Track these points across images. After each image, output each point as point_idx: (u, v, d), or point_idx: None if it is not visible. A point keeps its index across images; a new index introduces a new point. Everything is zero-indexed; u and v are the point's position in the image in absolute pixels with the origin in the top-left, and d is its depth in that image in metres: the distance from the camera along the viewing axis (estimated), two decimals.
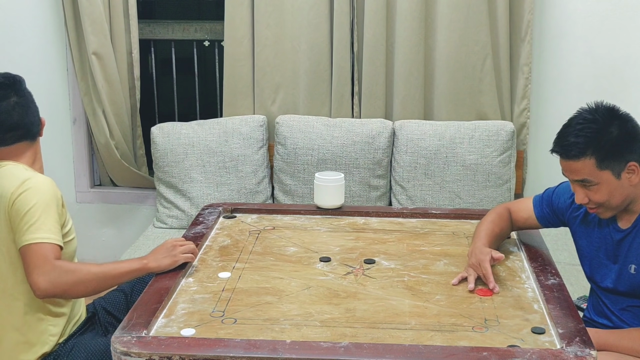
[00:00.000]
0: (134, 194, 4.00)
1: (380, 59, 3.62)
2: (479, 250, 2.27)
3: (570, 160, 2.11)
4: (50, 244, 2.08)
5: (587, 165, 2.09)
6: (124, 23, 3.73)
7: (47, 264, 2.05)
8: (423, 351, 1.82)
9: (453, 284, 2.22)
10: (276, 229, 2.68)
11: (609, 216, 2.20)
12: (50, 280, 2.04)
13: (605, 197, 2.12)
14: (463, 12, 3.54)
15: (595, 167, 2.09)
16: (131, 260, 2.24)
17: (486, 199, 3.53)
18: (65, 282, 2.07)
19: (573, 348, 1.82)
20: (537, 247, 2.49)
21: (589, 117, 2.11)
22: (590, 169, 2.09)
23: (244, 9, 3.67)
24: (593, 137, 2.08)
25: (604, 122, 2.09)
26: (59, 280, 2.05)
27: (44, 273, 2.04)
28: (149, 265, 2.21)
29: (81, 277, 2.10)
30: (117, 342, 1.84)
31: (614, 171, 2.10)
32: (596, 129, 2.09)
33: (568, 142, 2.10)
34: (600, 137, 2.08)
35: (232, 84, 3.76)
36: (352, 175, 3.56)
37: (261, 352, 1.80)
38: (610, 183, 2.10)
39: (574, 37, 3.59)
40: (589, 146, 2.08)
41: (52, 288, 2.05)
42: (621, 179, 2.10)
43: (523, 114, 3.67)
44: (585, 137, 2.08)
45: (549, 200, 2.42)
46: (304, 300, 2.12)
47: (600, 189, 2.12)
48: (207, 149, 3.63)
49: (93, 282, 2.12)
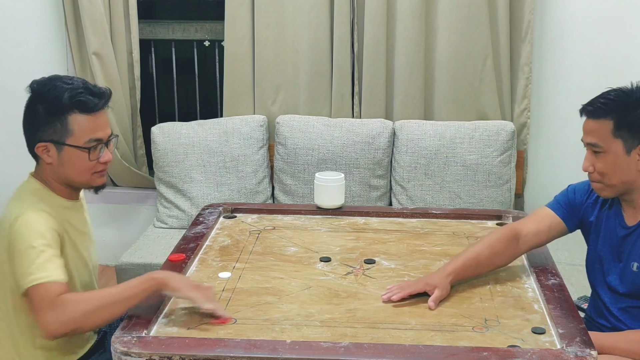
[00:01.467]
0: (134, 194, 4.00)
1: (380, 59, 3.62)
2: (438, 278, 2.15)
3: (591, 119, 2.13)
4: (54, 282, 1.92)
5: (604, 127, 2.10)
6: (124, 23, 3.73)
7: (51, 302, 1.89)
8: (423, 351, 1.82)
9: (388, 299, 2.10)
10: (276, 229, 2.68)
11: (606, 195, 2.19)
12: (57, 318, 1.88)
13: (609, 169, 2.11)
14: (463, 12, 3.54)
15: (610, 132, 2.09)
16: (141, 277, 2.01)
17: (486, 199, 3.53)
18: (74, 316, 1.90)
19: (573, 348, 1.82)
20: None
21: (626, 89, 2.15)
22: (605, 132, 2.10)
23: (244, 9, 3.67)
24: (620, 102, 2.11)
25: (637, 98, 2.11)
26: (66, 316, 1.89)
27: (48, 313, 1.89)
28: (159, 279, 1.99)
29: (93, 307, 1.92)
30: (117, 342, 1.84)
31: (626, 144, 2.09)
32: (626, 98, 2.11)
33: (596, 100, 2.14)
34: (626, 106, 2.10)
35: (233, 84, 3.76)
36: (353, 175, 3.56)
37: (261, 352, 1.80)
38: (617, 155, 2.10)
39: (575, 37, 3.59)
40: (612, 109, 2.09)
41: (62, 326, 1.89)
42: (630, 156, 2.10)
43: (523, 114, 3.67)
44: (612, 101, 2.11)
45: (565, 198, 2.34)
46: (304, 300, 2.12)
47: (607, 159, 2.11)
48: (208, 149, 3.63)
49: (105, 308, 1.94)
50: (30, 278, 1.93)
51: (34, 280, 1.93)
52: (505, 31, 3.58)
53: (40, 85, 2.10)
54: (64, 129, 2.06)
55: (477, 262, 2.23)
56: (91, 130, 2.08)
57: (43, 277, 1.93)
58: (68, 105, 2.05)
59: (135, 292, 1.97)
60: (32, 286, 1.93)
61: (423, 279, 2.16)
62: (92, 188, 2.17)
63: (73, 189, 2.17)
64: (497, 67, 3.62)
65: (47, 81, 2.11)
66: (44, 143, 2.07)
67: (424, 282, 2.14)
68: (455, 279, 2.17)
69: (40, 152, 2.09)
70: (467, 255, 2.23)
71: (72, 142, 2.07)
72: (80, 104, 2.06)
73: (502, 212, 2.81)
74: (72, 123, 2.06)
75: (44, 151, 2.08)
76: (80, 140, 2.07)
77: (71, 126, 2.06)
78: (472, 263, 2.22)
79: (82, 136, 2.07)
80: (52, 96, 2.06)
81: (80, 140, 2.07)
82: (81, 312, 1.91)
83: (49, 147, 2.08)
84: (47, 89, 2.08)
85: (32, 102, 2.10)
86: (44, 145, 2.07)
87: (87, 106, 2.07)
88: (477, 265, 2.23)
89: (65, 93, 2.05)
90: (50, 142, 2.07)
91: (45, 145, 2.07)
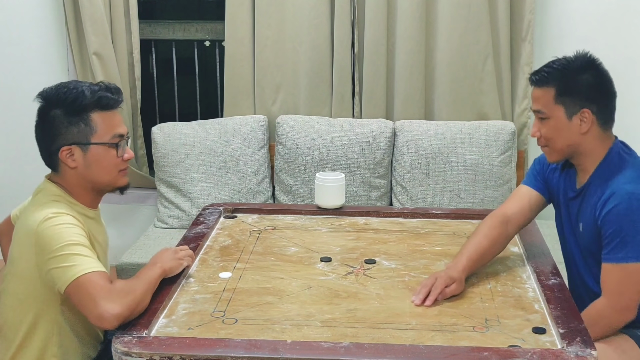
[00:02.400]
0: (134, 194, 4.00)
1: (380, 59, 3.62)
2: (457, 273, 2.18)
3: (535, 87, 2.25)
4: (99, 271, 1.95)
5: (546, 94, 2.21)
6: (124, 23, 3.73)
7: (109, 289, 1.92)
8: (424, 351, 1.82)
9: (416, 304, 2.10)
10: (277, 229, 2.68)
11: (554, 160, 2.29)
12: (121, 305, 1.90)
13: (552, 134, 2.22)
14: (464, 12, 3.54)
15: (552, 99, 2.20)
16: (150, 268, 2.10)
17: (487, 199, 3.53)
18: (133, 303, 1.94)
19: (574, 348, 1.82)
20: (537, 247, 2.49)
21: (569, 58, 2.25)
22: (547, 99, 2.21)
23: (244, 9, 3.67)
24: (561, 69, 2.21)
25: (580, 65, 2.22)
26: (129, 302, 1.92)
27: (110, 300, 1.90)
28: (164, 267, 2.11)
29: (139, 294, 1.97)
30: (117, 342, 1.84)
31: (567, 110, 2.20)
32: (567, 66, 2.22)
33: (540, 70, 2.25)
34: (567, 73, 2.20)
35: (233, 84, 3.76)
36: (353, 175, 3.56)
37: (262, 352, 1.80)
38: (559, 120, 2.21)
39: (575, 37, 3.59)
40: (554, 77, 2.20)
41: (125, 311, 1.91)
42: (571, 122, 2.20)
43: (524, 114, 3.67)
44: (554, 69, 2.22)
45: (534, 171, 2.46)
46: (304, 300, 2.12)
47: (549, 124, 2.22)
48: (208, 149, 3.63)
49: (145, 297, 2.00)
50: (75, 270, 1.93)
51: (80, 272, 1.93)
52: (505, 31, 3.58)
53: (54, 92, 2.09)
54: (88, 127, 2.06)
55: (481, 255, 2.29)
56: (113, 126, 2.10)
57: (89, 268, 1.93)
58: (90, 103, 2.06)
59: (156, 281, 2.07)
60: (79, 277, 1.92)
61: (444, 274, 2.17)
62: (117, 189, 2.17)
63: (97, 193, 2.16)
64: (497, 67, 3.62)
65: (60, 87, 2.10)
66: (68, 147, 2.06)
67: (446, 276, 2.16)
68: (467, 274, 2.23)
69: (64, 157, 2.07)
70: (469, 249, 2.29)
71: (98, 140, 2.07)
72: (101, 101, 2.07)
73: None
74: (95, 121, 2.07)
75: (68, 155, 2.07)
76: (106, 137, 2.09)
77: (94, 124, 2.07)
78: (477, 257, 2.27)
79: (107, 133, 2.09)
80: (72, 97, 2.05)
81: (106, 137, 2.09)
82: (133, 298, 1.95)
83: (73, 150, 2.06)
84: (63, 92, 2.07)
85: (46, 109, 2.08)
86: (68, 149, 2.06)
87: (107, 103, 2.09)
88: (481, 257, 2.29)
89: (86, 92, 2.06)
90: (75, 145, 2.06)
91: (69, 148, 2.06)
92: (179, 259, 2.20)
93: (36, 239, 1.98)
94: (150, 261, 2.16)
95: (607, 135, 2.25)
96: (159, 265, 2.11)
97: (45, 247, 1.96)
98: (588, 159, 2.25)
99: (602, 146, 2.24)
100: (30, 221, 2.01)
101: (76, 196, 2.12)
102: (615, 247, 2.14)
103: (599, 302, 2.19)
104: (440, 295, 2.11)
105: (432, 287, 2.13)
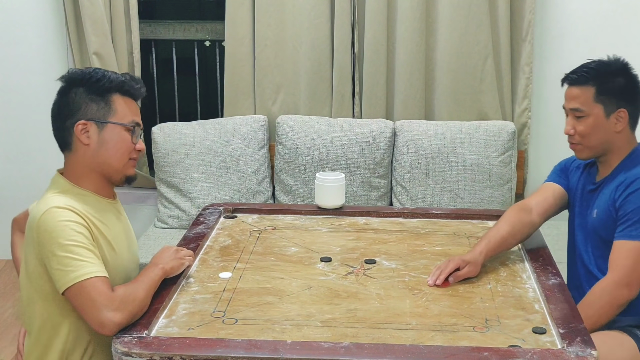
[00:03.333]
0: (134, 194, 4.00)
1: (381, 59, 3.62)
2: (472, 256, 2.28)
3: (573, 86, 2.35)
4: (100, 277, 1.91)
5: (586, 93, 2.32)
6: (124, 23, 3.73)
7: (111, 297, 1.90)
8: (424, 351, 1.82)
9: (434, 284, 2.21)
10: (277, 229, 2.68)
11: (585, 156, 2.40)
12: (122, 313, 1.89)
13: (589, 131, 2.33)
14: (464, 12, 3.54)
15: (592, 98, 2.32)
16: (151, 269, 2.08)
17: (487, 199, 3.53)
18: (134, 310, 1.93)
19: (574, 348, 1.82)
20: (537, 247, 2.49)
21: (605, 60, 2.38)
22: (587, 97, 2.32)
23: (244, 9, 3.67)
24: (600, 70, 2.33)
25: (616, 68, 2.35)
26: (130, 309, 1.92)
27: (112, 308, 1.88)
28: (165, 268, 2.11)
29: (141, 299, 1.96)
30: (118, 343, 1.84)
31: (606, 108, 2.32)
32: (605, 67, 2.35)
33: (579, 69, 2.36)
34: (606, 74, 2.33)
35: (233, 84, 3.76)
36: (353, 175, 3.56)
37: (262, 353, 1.80)
38: (598, 118, 2.32)
39: (575, 37, 3.60)
40: (594, 77, 2.32)
41: (127, 318, 1.91)
42: (609, 120, 2.32)
43: (524, 114, 3.67)
44: (593, 70, 2.34)
45: (558, 169, 2.58)
46: (304, 300, 2.12)
47: (588, 122, 2.33)
48: (208, 149, 3.63)
49: (146, 300, 1.99)
50: (71, 276, 1.90)
51: (76, 278, 1.90)
52: (505, 31, 3.58)
53: (79, 72, 2.10)
54: (108, 107, 2.07)
55: (501, 239, 2.38)
56: (132, 113, 2.12)
57: (90, 273, 1.91)
58: (115, 85, 2.07)
59: (157, 282, 2.07)
60: (80, 282, 1.89)
61: (458, 257, 2.27)
62: (126, 178, 2.15)
63: (106, 181, 2.12)
64: (497, 67, 3.62)
65: (86, 69, 2.11)
66: (85, 122, 2.04)
67: (458, 259, 2.25)
68: (486, 257, 2.31)
69: (79, 131, 2.04)
70: (488, 234, 2.39)
71: (116, 120, 2.07)
72: (125, 86, 2.09)
73: (503, 212, 2.80)
74: (115, 103, 2.08)
75: (83, 130, 2.04)
76: (124, 120, 2.09)
77: (115, 106, 2.07)
78: (496, 240, 2.36)
79: (125, 116, 2.09)
80: (97, 77, 2.07)
81: (124, 120, 2.09)
82: (135, 305, 1.94)
83: (89, 126, 2.05)
84: (89, 72, 2.08)
85: (68, 87, 2.08)
86: (84, 124, 2.04)
87: (130, 90, 2.11)
88: (501, 241, 2.37)
89: (111, 75, 2.09)
90: (92, 121, 2.05)
91: (85, 124, 2.04)
92: (180, 259, 2.20)
93: (37, 234, 1.96)
94: (152, 261, 2.15)
95: (633, 136, 2.40)
96: (160, 266, 2.11)
97: (45, 243, 1.94)
98: (614, 155, 2.37)
99: (628, 146, 2.37)
100: (32, 215, 2.00)
101: (86, 184, 2.08)
102: (632, 224, 2.25)
103: (604, 279, 2.28)
104: (453, 277, 2.21)
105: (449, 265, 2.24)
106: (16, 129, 3.99)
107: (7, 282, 3.95)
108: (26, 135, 3.99)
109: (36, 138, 3.92)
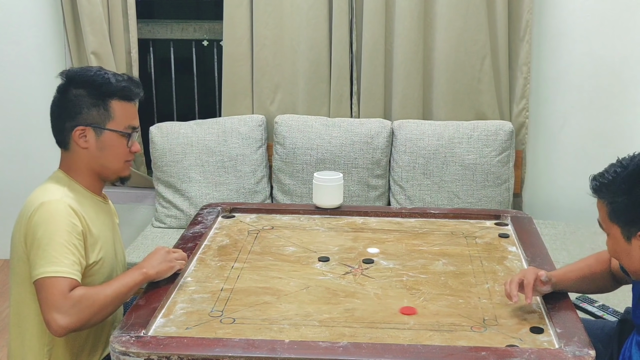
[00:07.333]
0: (132, 194, 4.00)
1: (379, 58, 3.62)
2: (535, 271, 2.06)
3: (595, 197, 1.90)
4: (64, 278, 1.93)
5: (602, 208, 1.87)
6: (122, 23, 3.73)
7: (64, 300, 1.90)
8: (422, 351, 1.82)
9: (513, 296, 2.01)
10: (275, 229, 2.68)
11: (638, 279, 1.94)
12: (70, 317, 1.90)
13: (614, 254, 1.92)
14: (462, 12, 3.54)
15: (607, 216, 1.86)
16: (131, 273, 2.09)
17: (485, 199, 3.53)
18: (86, 315, 1.93)
19: (571, 348, 1.82)
20: (536, 247, 2.49)
21: (624, 163, 1.84)
22: (603, 214, 1.88)
23: (242, 8, 3.67)
24: (610, 182, 1.83)
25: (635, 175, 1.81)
26: (80, 315, 1.92)
27: (61, 311, 1.90)
28: (149, 273, 2.09)
29: (100, 305, 1.96)
30: (115, 342, 1.84)
31: (624, 231, 1.84)
32: (621, 177, 1.82)
33: (597, 176, 1.88)
34: (620, 187, 1.81)
35: (231, 83, 3.76)
36: (351, 175, 3.56)
37: (260, 352, 1.80)
38: (618, 241, 1.86)
39: (573, 37, 3.60)
40: (604, 190, 1.85)
41: (73, 324, 1.91)
42: (631, 244, 1.83)
43: (522, 114, 3.67)
44: (605, 180, 1.85)
45: None
46: (302, 300, 2.12)
47: (610, 243, 1.90)
48: (206, 148, 3.62)
49: (110, 305, 1.99)
50: (40, 270, 1.94)
51: (43, 274, 1.94)
52: (503, 31, 3.58)
53: (79, 72, 2.13)
54: (106, 113, 2.10)
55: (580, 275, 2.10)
56: (129, 117, 2.15)
57: (53, 272, 1.93)
58: (114, 90, 2.10)
59: (132, 287, 2.06)
60: (43, 278, 1.93)
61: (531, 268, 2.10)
62: (120, 179, 2.20)
63: (100, 179, 2.18)
64: (495, 67, 3.62)
65: (87, 69, 2.15)
66: (83, 127, 2.09)
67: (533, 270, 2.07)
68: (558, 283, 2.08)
69: (76, 136, 2.10)
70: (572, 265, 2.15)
71: (113, 127, 2.11)
72: (124, 91, 2.12)
73: (501, 212, 2.81)
74: (114, 108, 2.11)
75: (81, 135, 2.10)
76: (121, 126, 2.13)
77: (112, 111, 2.11)
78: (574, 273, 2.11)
79: (122, 122, 2.13)
80: (99, 81, 2.09)
81: (121, 126, 2.13)
82: (89, 311, 1.95)
83: (87, 131, 2.10)
84: (91, 74, 2.11)
85: (68, 87, 2.10)
86: (83, 129, 2.09)
87: (129, 94, 2.13)
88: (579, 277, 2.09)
89: (112, 79, 2.11)
90: (90, 126, 2.09)
91: (84, 129, 2.09)
92: (170, 262, 2.16)
93: (30, 222, 1.99)
94: (139, 263, 2.14)
95: None
96: (143, 270, 2.10)
97: (35, 230, 1.97)
98: None
99: None
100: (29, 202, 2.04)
101: (81, 179, 2.14)
102: None
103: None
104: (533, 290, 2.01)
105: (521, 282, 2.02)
106: (14, 129, 3.99)
107: (6, 281, 3.94)
108: (24, 135, 3.98)
109: (34, 137, 3.92)
